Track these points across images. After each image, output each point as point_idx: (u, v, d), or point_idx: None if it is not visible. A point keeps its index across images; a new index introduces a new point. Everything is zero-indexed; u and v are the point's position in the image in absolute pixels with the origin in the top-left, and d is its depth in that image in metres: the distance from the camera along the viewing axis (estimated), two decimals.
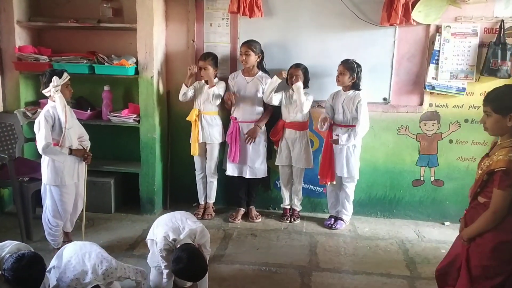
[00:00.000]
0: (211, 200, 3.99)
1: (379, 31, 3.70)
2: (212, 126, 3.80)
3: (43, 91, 3.01)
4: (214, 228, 3.70)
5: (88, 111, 3.88)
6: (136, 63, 3.75)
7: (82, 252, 2.39)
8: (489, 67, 3.56)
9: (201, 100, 3.77)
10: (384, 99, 3.84)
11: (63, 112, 2.95)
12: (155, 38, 3.71)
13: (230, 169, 3.84)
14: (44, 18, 3.89)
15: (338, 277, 3.00)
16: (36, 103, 3.94)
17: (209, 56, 3.70)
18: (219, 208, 4.10)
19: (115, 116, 3.83)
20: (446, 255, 2.38)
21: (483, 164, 2.09)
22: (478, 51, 3.65)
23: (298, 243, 3.50)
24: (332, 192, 3.84)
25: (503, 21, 3.55)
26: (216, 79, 3.74)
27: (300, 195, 3.92)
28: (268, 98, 3.66)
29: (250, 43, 3.64)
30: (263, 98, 3.71)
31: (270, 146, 3.90)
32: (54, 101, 2.97)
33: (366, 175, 3.91)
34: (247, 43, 3.65)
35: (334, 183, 3.71)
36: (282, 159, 3.80)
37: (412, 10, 3.55)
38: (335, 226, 3.78)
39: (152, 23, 3.65)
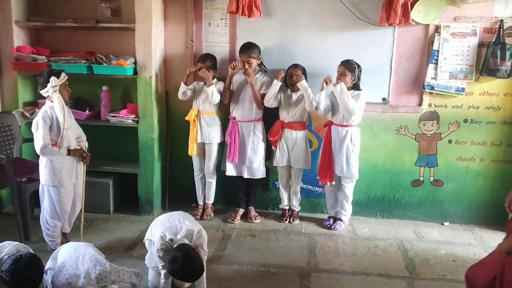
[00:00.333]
0: (210, 200, 3.98)
1: (378, 31, 3.70)
2: (211, 126, 3.79)
3: (41, 92, 3.01)
4: (213, 228, 3.69)
5: (87, 111, 3.87)
6: (135, 63, 3.74)
7: (76, 255, 2.36)
8: (488, 67, 3.56)
9: (200, 100, 3.76)
10: (383, 99, 3.83)
11: (61, 112, 2.95)
12: (154, 38, 3.70)
13: (230, 169, 3.83)
14: (43, 18, 3.88)
15: (337, 277, 2.99)
16: (34, 103, 3.93)
17: (207, 58, 3.69)
18: (218, 208, 4.09)
19: (114, 116, 3.82)
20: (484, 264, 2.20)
21: None
22: (478, 51, 3.64)
23: (297, 244, 3.49)
24: (331, 192, 3.83)
25: (502, 21, 3.55)
26: (215, 80, 3.73)
27: (299, 196, 3.91)
28: (269, 102, 3.65)
29: (250, 51, 3.58)
30: (263, 101, 3.69)
31: (269, 146, 3.89)
32: (52, 101, 2.97)
33: (365, 175, 3.90)
34: (247, 52, 3.58)
35: (334, 183, 3.70)
36: (280, 160, 3.79)
37: (411, 10, 3.54)
38: (334, 227, 3.77)
39: (151, 23, 3.64)
